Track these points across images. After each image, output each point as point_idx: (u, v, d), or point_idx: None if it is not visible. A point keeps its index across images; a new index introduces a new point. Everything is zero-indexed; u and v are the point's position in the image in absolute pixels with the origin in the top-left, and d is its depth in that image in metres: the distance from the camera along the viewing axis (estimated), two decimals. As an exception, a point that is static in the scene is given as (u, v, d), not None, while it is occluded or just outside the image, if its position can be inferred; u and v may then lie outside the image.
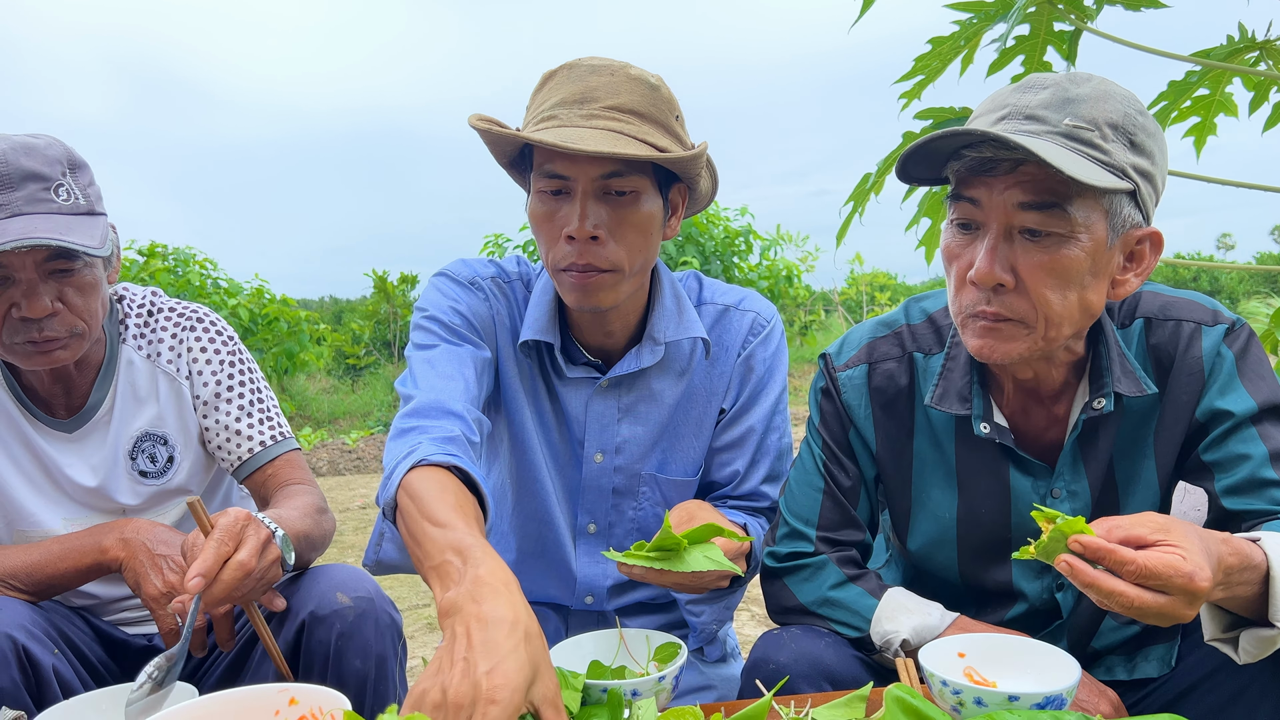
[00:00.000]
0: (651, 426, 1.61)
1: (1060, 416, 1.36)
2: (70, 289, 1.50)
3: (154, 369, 1.70)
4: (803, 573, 1.42)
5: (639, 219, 1.42)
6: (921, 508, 1.44)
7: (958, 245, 1.24)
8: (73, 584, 1.48)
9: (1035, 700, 1.01)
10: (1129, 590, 0.96)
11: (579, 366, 1.59)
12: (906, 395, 1.42)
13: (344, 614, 1.45)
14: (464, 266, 1.61)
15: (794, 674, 1.25)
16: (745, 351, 1.62)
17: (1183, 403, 1.30)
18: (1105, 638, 1.43)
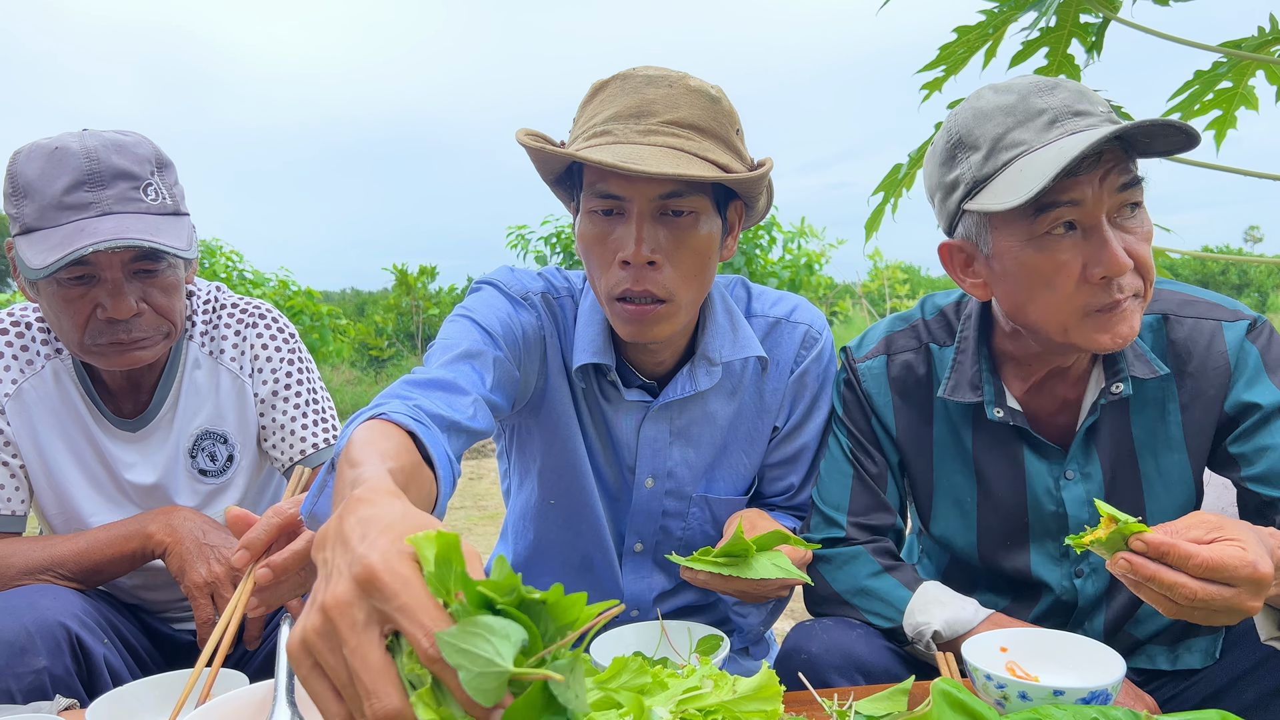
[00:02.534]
0: (704, 449, 1.56)
1: (1073, 401, 1.40)
2: (154, 289, 1.50)
3: (216, 366, 1.69)
4: (837, 561, 1.44)
5: (698, 242, 1.34)
6: (942, 493, 1.48)
7: (1063, 251, 1.22)
8: (119, 570, 1.50)
9: (1080, 695, 1.01)
10: (1191, 583, 0.98)
11: (633, 389, 1.51)
12: (925, 384, 1.48)
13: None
14: (514, 278, 1.53)
15: (825, 664, 1.26)
16: (799, 368, 1.56)
17: (1210, 396, 1.34)
18: (1145, 625, 1.43)
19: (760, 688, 0.89)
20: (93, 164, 1.42)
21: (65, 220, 1.41)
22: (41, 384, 1.61)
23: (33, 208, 1.42)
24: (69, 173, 1.41)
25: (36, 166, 1.43)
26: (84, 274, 1.44)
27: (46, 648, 1.31)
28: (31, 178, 1.43)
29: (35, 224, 1.42)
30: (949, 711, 0.94)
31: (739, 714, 0.89)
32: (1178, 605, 1.00)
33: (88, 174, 1.42)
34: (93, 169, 1.42)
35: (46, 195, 1.41)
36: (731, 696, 0.89)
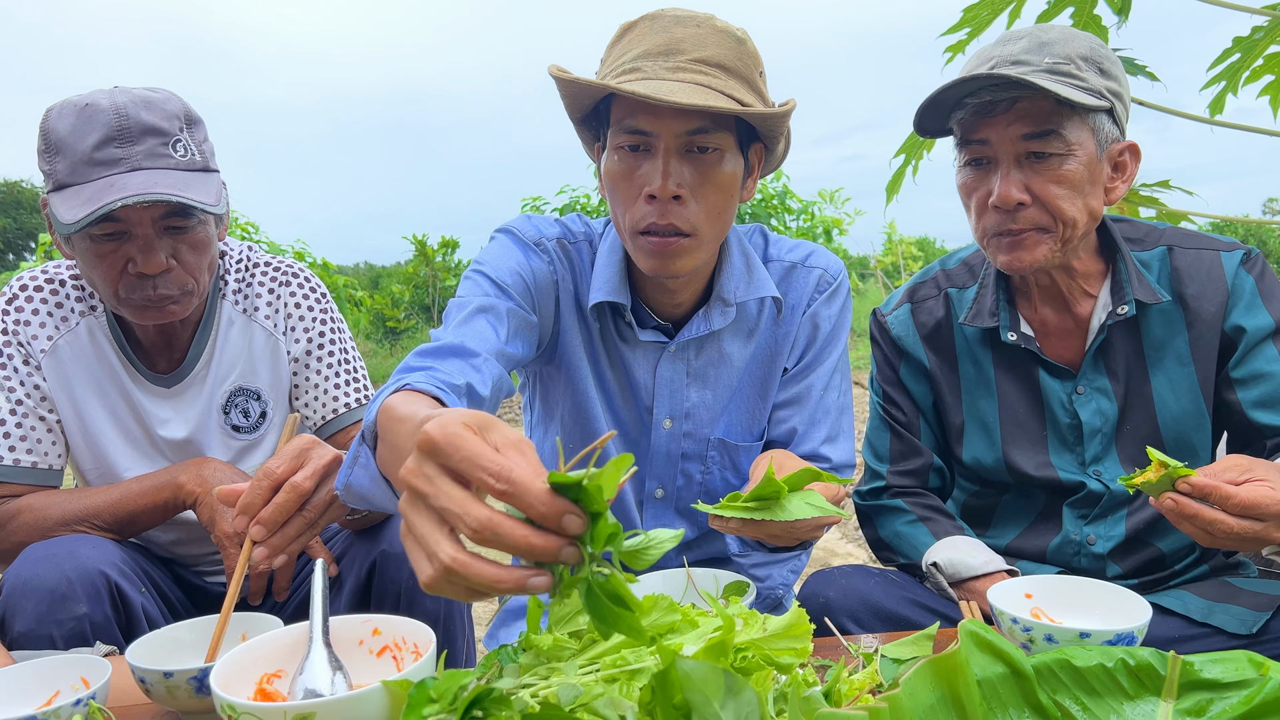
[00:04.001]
0: (721, 390, 1.59)
1: (1082, 324, 1.55)
2: (184, 246, 1.51)
3: (250, 323, 1.72)
4: (882, 514, 1.65)
5: (722, 178, 1.37)
6: (971, 419, 1.63)
7: (973, 181, 1.47)
8: (152, 521, 1.52)
9: (1106, 638, 1.02)
10: (1229, 519, 1.11)
11: (648, 330, 1.55)
12: (946, 326, 1.65)
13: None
14: (529, 225, 1.57)
15: (842, 610, 1.32)
16: (811, 309, 1.60)
17: (1211, 314, 1.49)
18: (1170, 538, 1.54)
19: (790, 626, 0.91)
20: (122, 120, 1.44)
21: (96, 176, 1.43)
22: (77, 341, 1.63)
23: (64, 164, 1.44)
24: (99, 129, 1.43)
25: (67, 123, 1.45)
26: (115, 230, 1.46)
27: (87, 595, 1.34)
28: (63, 134, 1.45)
29: (67, 180, 1.44)
30: (977, 652, 0.95)
31: (769, 652, 0.91)
32: (1214, 538, 1.13)
33: (117, 130, 1.44)
34: (122, 125, 1.44)
35: (77, 152, 1.43)
36: (761, 634, 0.91)
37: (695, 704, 0.68)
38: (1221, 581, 1.53)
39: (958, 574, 1.46)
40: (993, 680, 0.95)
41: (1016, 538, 1.61)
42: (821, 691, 0.90)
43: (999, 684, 0.95)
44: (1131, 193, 3.09)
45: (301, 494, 1.25)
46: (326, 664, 1.03)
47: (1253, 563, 1.64)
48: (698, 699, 0.68)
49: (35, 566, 1.35)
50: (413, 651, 1.06)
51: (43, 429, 1.60)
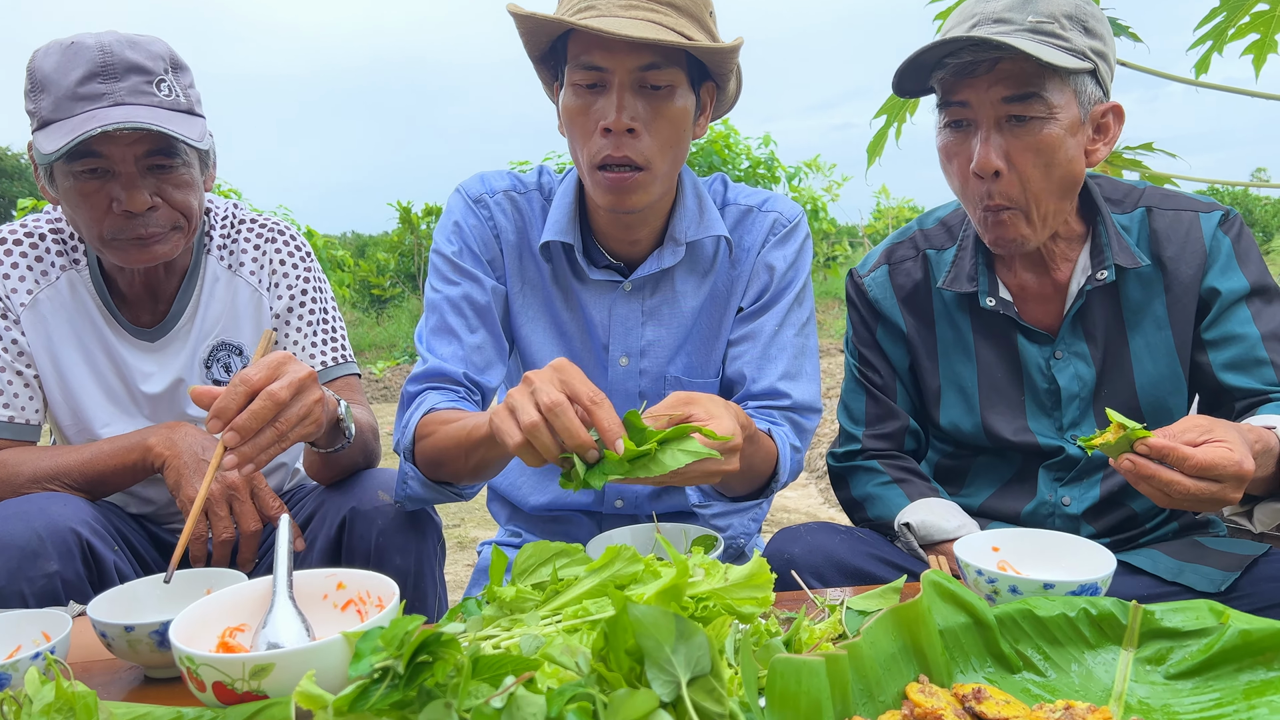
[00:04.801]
0: (675, 329, 1.62)
1: (1061, 288, 1.53)
2: (169, 185, 1.51)
3: (235, 278, 1.72)
4: (857, 474, 1.64)
5: (674, 113, 1.42)
6: (948, 383, 1.62)
7: (954, 144, 1.44)
8: (122, 482, 1.51)
9: (1070, 588, 1.03)
10: (1185, 480, 1.10)
11: (601, 269, 1.59)
12: (924, 288, 1.62)
13: (385, 511, 1.48)
14: (478, 182, 1.63)
15: (807, 566, 1.33)
16: (765, 251, 1.61)
17: (1188, 277, 1.48)
18: (1143, 498, 1.53)
19: (751, 575, 0.91)
20: (106, 57, 1.44)
21: (79, 111, 1.43)
22: (57, 295, 1.62)
23: (48, 100, 1.44)
24: (83, 65, 1.43)
25: (52, 60, 1.45)
26: (98, 166, 1.46)
27: (58, 552, 1.33)
28: (47, 71, 1.45)
29: (51, 116, 1.44)
30: (940, 602, 0.96)
31: (731, 601, 0.91)
32: (1171, 498, 1.12)
33: (101, 65, 1.44)
34: (106, 61, 1.44)
35: (61, 87, 1.43)
36: (723, 584, 0.90)
37: (647, 649, 0.68)
38: (1192, 541, 1.53)
39: (930, 536, 1.46)
40: (955, 630, 0.96)
41: (990, 498, 1.61)
42: (782, 640, 0.90)
43: (961, 633, 0.96)
44: (1115, 155, 3.08)
45: (277, 403, 1.22)
46: (290, 617, 1.02)
47: (1222, 522, 1.65)
48: (649, 644, 0.67)
49: (6, 524, 1.33)
50: (377, 605, 1.05)
51: (20, 384, 1.59)
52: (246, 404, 1.21)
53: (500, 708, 0.64)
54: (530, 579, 1.01)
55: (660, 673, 0.68)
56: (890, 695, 0.88)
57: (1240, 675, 0.91)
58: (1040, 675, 0.95)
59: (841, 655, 0.82)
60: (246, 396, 1.22)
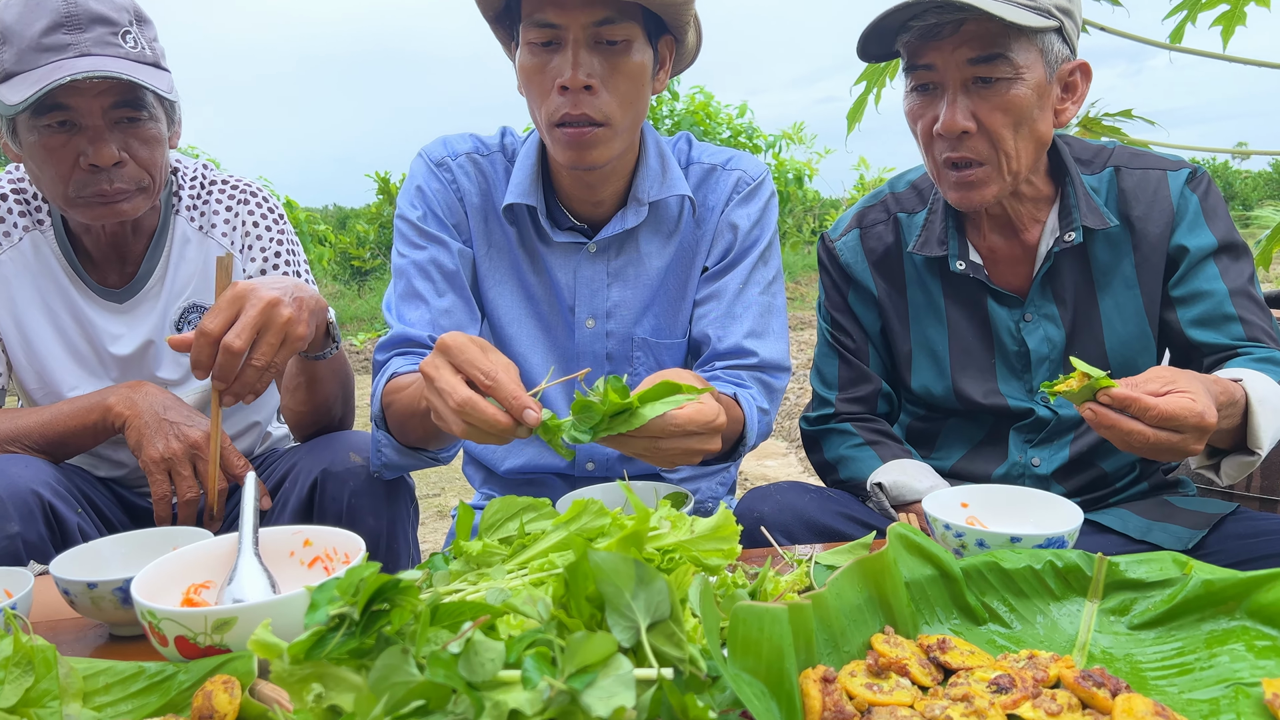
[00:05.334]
0: (641, 290, 1.61)
1: (1031, 251, 1.53)
2: (135, 141, 1.49)
3: (206, 240, 1.70)
4: (830, 437, 1.65)
5: (631, 68, 1.40)
6: (920, 347, 1.62)
7: (920, 107, 1.43)
8: (84, 443, 1.50)
9: (1037, 542, 1.03)
10: (1146, 430, 1.09)
11: (565, 231, 1.57)
12: (895, 252, 1.62)
13: (357, 472, 1.47)
14: (440, 146, 1.61)
15: (776, 524, 1.33)
16: (729, 209, 1.60)
17: (1156, 235, 1.48)
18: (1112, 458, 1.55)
19: (717, 527, 0.90)
20: (70, 7, 1.41)
21: (43, 62, 1.40)
22: (20, 256, 1.59)
23: (11, 52, 1.41)
24: (46, 15, 1.40)
25: (14, 11, 1.42)
26: (65, 119, 1.43)
27: (19, 514, 1.31)
28: (9, 22, 1.42)
29: (14, 68, 1.41)
30: (906, 554, 0.96)
31: (698, 554, 0.90)
32: (1133, 447, 1.11)
33: (65, 16, 1.41)
34: (70, 12, 1.41)
35: (24, 39, 1.40)
36: (690, 536, 0.90)
37: (607, 595, 0.67)
38: (1161, 500, 1.55)
39: (901, 496, 1.46)
40: (921, 582, 0.96)
41: (961, 460, 1.61)
42: (748, 591, 0.89)
43: (927, 585, 0.96)
44: (1093, 122, 3.08)
45: (234, 353, 1.26)
46: (255, 573, 1.01)
47: (1191, 481, 1.66)
48: (609, 590, 0.67)
49: None
50: (344, 561, 1.05)
51: None
52: (215, 353, 1.25)
53: (457, 653, 0.63)
54: (498, 534, 1.01)
55: (620, 618, 0.67)
56: (855, 646, 0.88)
57: (1202, 625, 0.92)
58: (1005, 627, 0.96)
59: (806, 605, 0.82)
60: (212, 347, 1.25)
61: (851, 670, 0.84)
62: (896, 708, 0.80)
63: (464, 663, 0.63)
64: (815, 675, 0.78)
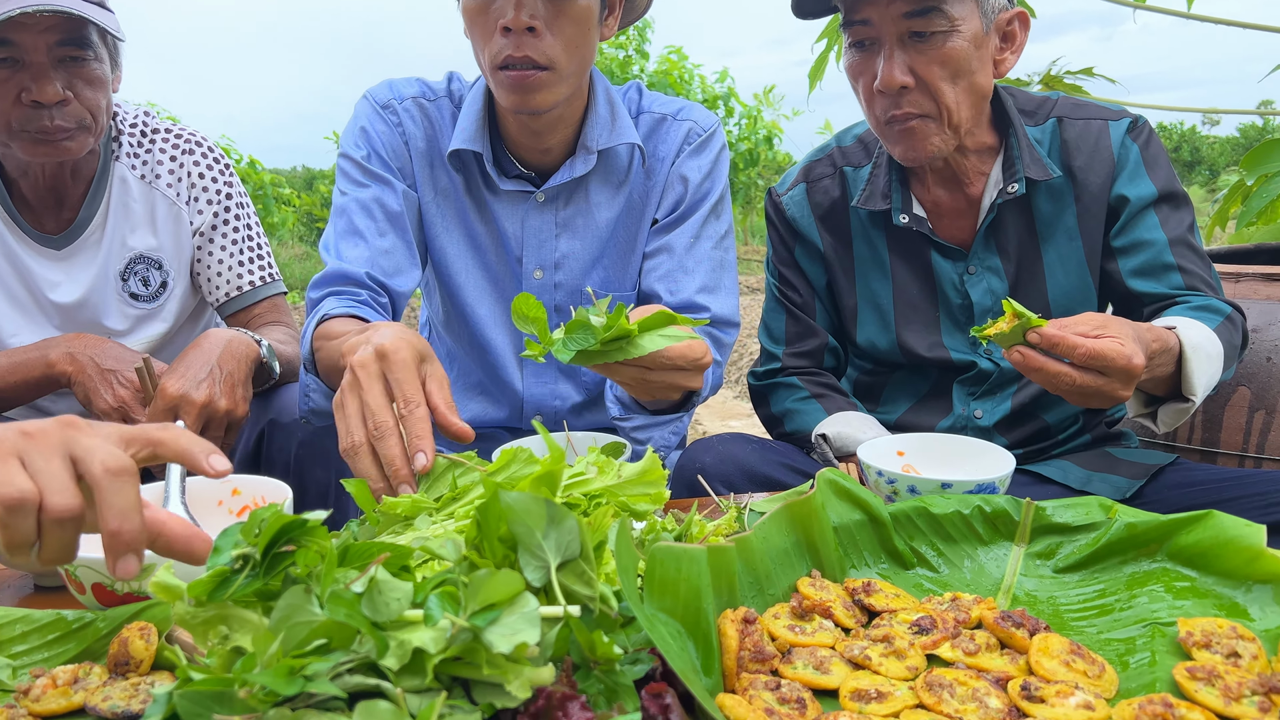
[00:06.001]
0: (590, 241, 1.59)
1: (974, 203, 1.52)
2: (79, 80, 1.47)
3: (151, 191, 1.67)
4: (777, 391, 1.64)
5: (576, 11, 1.37)
6: (865, 301, 1.62)
7: (859, 63, 1.42)
8: (24, 396, 1.47)
9: (968, 488, 1.04)
10: (1072, 371, 1.09)
11: (512, 179, 1.54)
12: (841, 206, 1.61)
13: (304, 424, 1.45)
14: (386, 88, 1.57)
15: (717, 475, 1.33)
16: (679, 161, 1.58)
17: (1097, 186, 1.47)
18: (1055, 410, 1.56)
19: (644, 472, 0.90)
20: None
21: None
22: None
23: None
24: None
25: None
26: (8, 56, 1.41)
27: None
28: None
29: None
30: (835, 499, 0.96)
31: (625, 498, 0.90)
32: (1060, 390, 1.11)
33: None
34: None
35: None
36: (616, 481, 0.90)
37: (519, 535, 0.66)
38: (1102, 452, 1.56)
39: (846, 448, 1.46)
40: (849, 526, 0.96)
41: (906, 413, 1.62)
42: (674, 535, 0.89)
43: (855, 530, 0.96)
44: (1055, 80, 3.08)
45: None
46: (180, 523, 0.99)
47: (1135, 434, 1.68)
48: (521, 529, 0.66)
49: None
50: (273, 511, 1.03)
51: None
52: None
53: (361, 592, 0.63)
54: (432, 491, 1.00)
55: (531, 558, 0.67)
56: (781, 589, 0.88)
57: (1124, 567, 0.93)
58: (933, 571, 0.96)
59: (728, 548, 0.82)
60: None
61: (775, 613, 0.85)
62: (817, 648, 0.80)
63: (368, 602, 0.62)
64: (735, 616, 0.78)
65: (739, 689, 0.73)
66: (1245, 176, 2.74)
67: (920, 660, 0.79)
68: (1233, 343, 1.36)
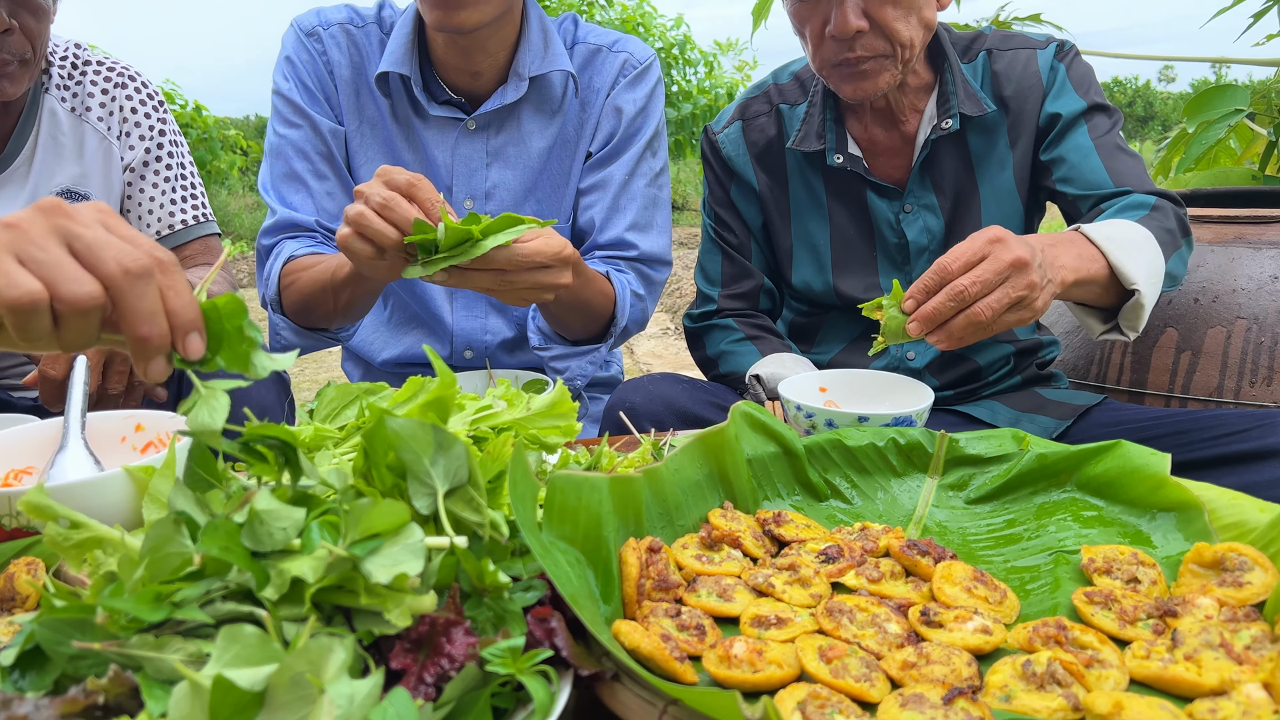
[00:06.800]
0: (521, 171, 1.56)
1: (911, 140, 1.50)
2: (25, 11, 1.42)
3: (80, 124, 1.61)
4: (713, 333, 1.63)
5: None
6: (801, 243, 1.59)
7: (806, 10, 1.39)
8: None
9: (885, 420, 1.04)
10: (975, 309, 1.01)
11: (442, 105, 1.51)
12: (777, 144, 1.58)
13: None
14: (313, 15, 1.54)
15: (647, 414, 1.31)
16: (614, 93, 1.55)
17: (1028, 112, 1.47)
18: (985, 352, 1.56)
19: (554, 404, 0.88)
20: None
21: None
22: None
23: None
24: None
25: None
26: None
27: None
28: None
29: None
30: (749, 431, 0.95)
31: (535, 431, 0.88)
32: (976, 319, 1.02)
33: None
34: None
35: None
36: (525, 414, 0.88)
37: (407, 462, 0.65)
38: (1031, 393, 1.58)
39: (775, 381, 1.45)
40: (763, 459, 0.95)
41: (839, 354, 1.62)
42: (585, 467, 0.88)
43: (769, 462, 0.96)
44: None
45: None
46: (80, 459, 0.97)
47: (1065, 375, 1.70)
48: (409, 456, 0.64)
49: None
50: (178, 447, 1.00)
51: None
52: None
53: (241, 523, 0.60)
54: (337, 421, 0.98)
55: (420, 486, 0.65)
56: (692, 520, 0.88)
57: (1034, 498, 0.94)
58: (847, 503, 0.96)
59: (634, 477, 0.81)
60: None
61: (684, 543, 0.84)
62: (722, 577, 0.79)
63: (248, 532, 0.60)
64: (639, 545, 0.77)
65: (639, 617, 0.72)
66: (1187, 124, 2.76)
67: (825, 588, 0.78)
68: (1165, 227, 1.33)
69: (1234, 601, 0.74)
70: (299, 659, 0.51)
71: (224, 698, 0.49)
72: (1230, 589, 0.75)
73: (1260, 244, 1.71)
